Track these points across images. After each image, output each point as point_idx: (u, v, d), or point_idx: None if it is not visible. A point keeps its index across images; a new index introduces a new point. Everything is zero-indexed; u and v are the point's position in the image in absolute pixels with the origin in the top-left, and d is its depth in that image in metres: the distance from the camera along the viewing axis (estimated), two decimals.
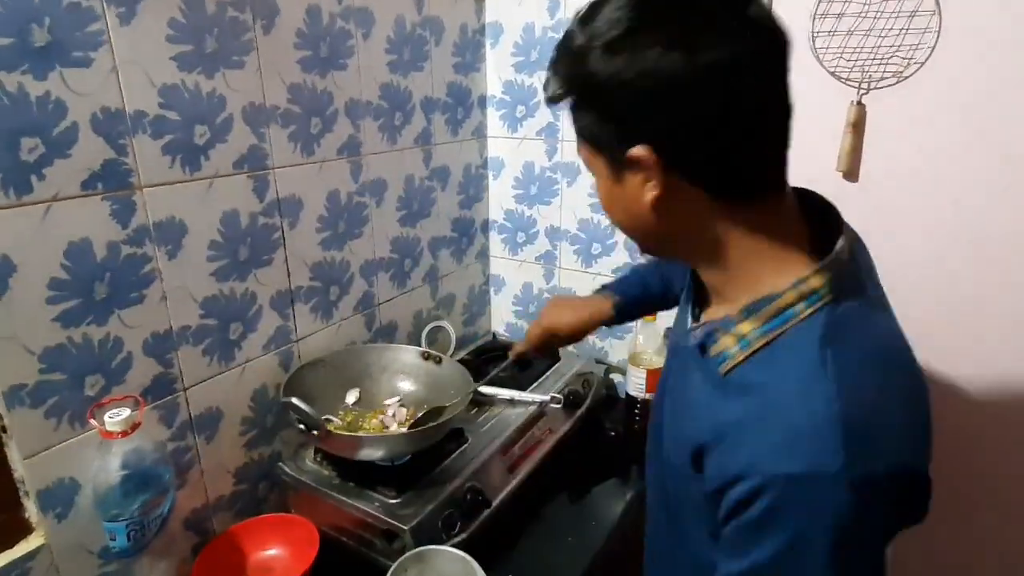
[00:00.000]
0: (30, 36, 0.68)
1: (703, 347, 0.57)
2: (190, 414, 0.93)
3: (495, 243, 1.59)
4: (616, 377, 1.51)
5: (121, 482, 0.80)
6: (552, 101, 0.55)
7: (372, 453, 0.96)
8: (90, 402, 0.80)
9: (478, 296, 1.60)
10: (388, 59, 1.16)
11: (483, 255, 1.58)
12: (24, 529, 0.78)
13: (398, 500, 0.94)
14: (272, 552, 0.97)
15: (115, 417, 0.78)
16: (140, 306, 0.84)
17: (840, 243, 0.53)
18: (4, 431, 0.74)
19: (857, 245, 0.59)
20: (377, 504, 0.93)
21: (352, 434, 1.02)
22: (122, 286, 0.81)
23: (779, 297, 0.52)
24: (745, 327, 0.53)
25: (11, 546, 0.76)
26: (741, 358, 0.53)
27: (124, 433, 0.78)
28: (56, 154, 0.72)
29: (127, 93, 0.77)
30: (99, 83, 0.74)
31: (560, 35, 0.54)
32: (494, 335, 1.51)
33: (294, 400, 0.86)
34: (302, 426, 0.89)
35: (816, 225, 0.56)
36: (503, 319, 1.66)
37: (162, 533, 0.83)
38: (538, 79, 1.39)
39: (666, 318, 1.35)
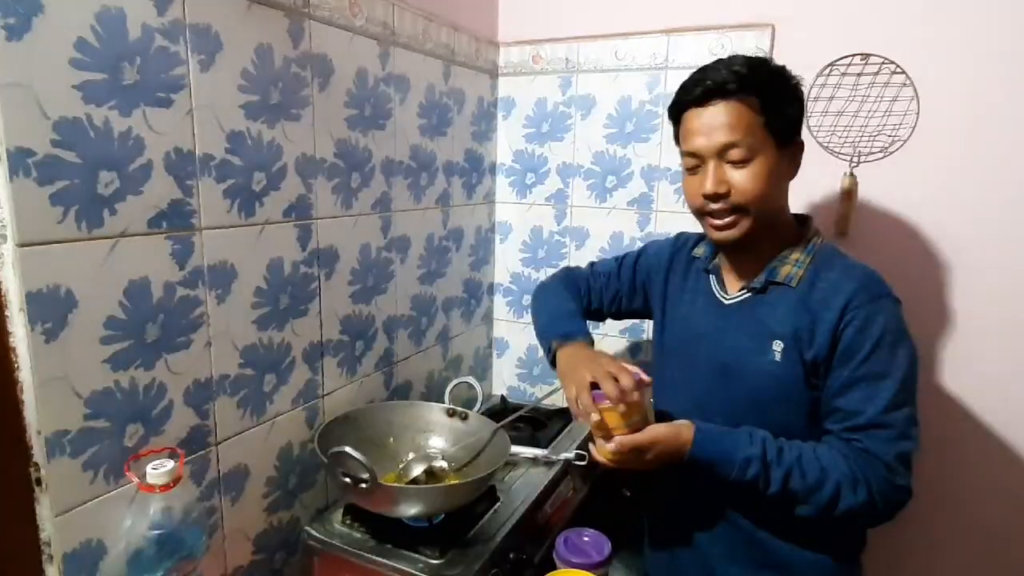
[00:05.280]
0: (121, 74, 0.68)
1: (768, 283, 0.86)
2: (219, 471, 0.87)
3: (500, 306, 1.61)
4: None
5: (154, 543, 0.73)
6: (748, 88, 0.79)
7: (427, 506, 0.92)
8: (128, 453, 0.74)
9: (482, 358, 1.59)
10: (419, 123, 1.21)
11: (488, 318, 1.59)
12: None
13: (442, 560, 0.89)
14: None
15: (159, 468, 0.72)
16: (186, 351, 0.80)
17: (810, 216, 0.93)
18: (39, 484, 0.67)
19: None
20: (421, 565, 0.88)
21: (409, 486, 0.96)
22: (172, 329, 0.78)
23: (807, 236, 0.88)
24: (795, 255, 0.86)
25: None
26: (801, 272, 0.85)
27: (166, 487, 0.73)
28: (130, 190, 0.71)
29: (199, 136, 0.78)
30: (176, 123, 0.75)
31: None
32: (503, 398, 1.49)
33: (347, 449, 0.82)
34: (347, 479, 0.85)
35: None
36: (505, 382, 1.64)
37: None
38: (548, 149, 1.47)
39: None
